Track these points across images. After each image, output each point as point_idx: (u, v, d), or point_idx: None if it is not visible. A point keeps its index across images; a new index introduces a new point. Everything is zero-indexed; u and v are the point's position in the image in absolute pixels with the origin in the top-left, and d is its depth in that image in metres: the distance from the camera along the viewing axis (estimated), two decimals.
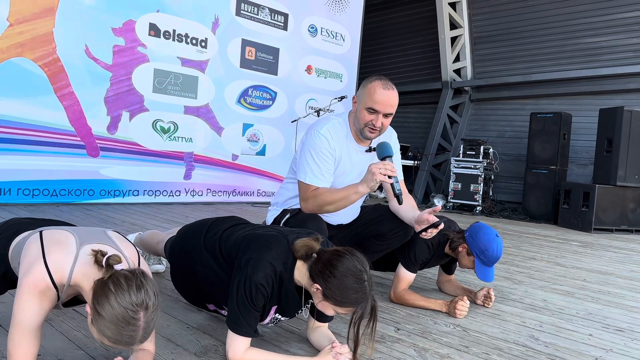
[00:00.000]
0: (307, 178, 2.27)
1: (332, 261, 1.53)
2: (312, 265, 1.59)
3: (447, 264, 2.77)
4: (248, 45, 6.70)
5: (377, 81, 2.26)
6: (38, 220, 1.70)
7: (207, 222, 1.99)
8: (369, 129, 2.29)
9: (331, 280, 1.51)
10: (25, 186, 4.98)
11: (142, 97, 5.75)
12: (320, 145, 2.28)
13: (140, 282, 1.28)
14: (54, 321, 1.90)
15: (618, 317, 2.59)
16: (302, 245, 1.60)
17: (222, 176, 6.60)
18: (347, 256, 1.54)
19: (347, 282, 1.50)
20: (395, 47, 11.00)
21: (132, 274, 1.29)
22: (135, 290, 1.26)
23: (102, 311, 1.24)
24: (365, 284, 1.52)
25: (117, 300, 1.24)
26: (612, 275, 3.71)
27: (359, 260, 1.55)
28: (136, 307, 1.25)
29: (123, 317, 1.24)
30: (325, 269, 1.53)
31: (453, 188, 8.22)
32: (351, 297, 1.52)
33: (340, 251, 1.57)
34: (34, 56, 4.95)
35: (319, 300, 1.58)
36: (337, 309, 1.56)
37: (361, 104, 2.28)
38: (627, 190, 6.54)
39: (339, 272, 1.51)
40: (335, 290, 1.51)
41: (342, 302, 1.53)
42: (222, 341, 1.83)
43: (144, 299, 1.26)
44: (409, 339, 2.05)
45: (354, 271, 1.51)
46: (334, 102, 6.92)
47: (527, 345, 2.07)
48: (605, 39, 8.12)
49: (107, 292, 1.25)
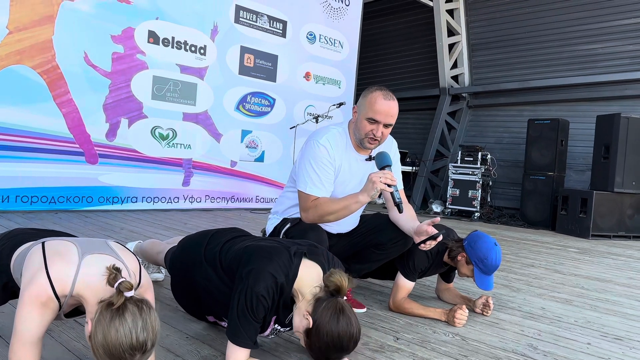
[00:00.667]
0: (308, 188, 2.28)
1: (339, 323, 1.54)
2: (324, 302, 1.59)
3: (446, 272, 2.77)
4: (247, 52, 6.72)
5: (377, 91, 2.27)
6: (41, 231, 1.71)
7: (208, 233, 1.99)
8: (369, 140, 2.30)
9: (322, 335, 1.55)
10: (24, 193, 4.98)
11: (141, 104, 5.76)
12: (320, 155, 2.29)
13: (145, 321, 1.26)
14: (53, 332, 1.90)
15: (616, 325, 2.60)
16: (338, 281, 1.60)
17: (221, 182, 6.60)
18: (351, 330, 1.56)
19: (330, 348, 1.56)
20: (393, 53, 11.04)
21: (139, 310, 1.27)
22: (139, 330, 1.24)
23: (101, 338, 1.24)
24: (343, 353, 1.58)
25: (118, 337, 1.23)
26: (610, 283, 3.72)
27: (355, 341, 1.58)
28: (134, 351, 1.24)
29: (118, 354, 1.23)
30: (329, 322, 1.55)
31: (451, 194, 8.24)
32: (320, 357, 1.60)
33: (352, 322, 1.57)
34: (33, 63, 4.96)
35: (300, 328, 1.62)
36: (304, 344, 1.64)
37: (361, 114, 2.29)
38: (624, 196, 6.56)
39: (331, 337, 1.55)
40: (316, 342, 1.58)
41: (312, 350, 1.61)
42: (222, 351, 1.83)
43: (144, 341, 1.25)
44: (408, 348, 2.05)
45: (342, 347, 1.56)
46: (332, 108, 6.94)
47: (525, 355, 2.07)
48: (602, 45, 8.16)
49: (111, 322, 1.24)
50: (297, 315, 1.64)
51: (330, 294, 1.61)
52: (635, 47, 7.82)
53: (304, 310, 1.61)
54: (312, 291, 1.63)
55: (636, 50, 7.82)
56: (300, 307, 1.64)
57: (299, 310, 1.64)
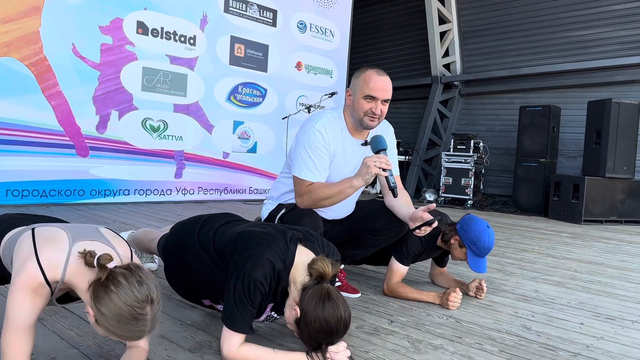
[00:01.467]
0: (302, 173, 2.27)
1: (325, 310, 1.53)
2: (310, 290, 1.58)
3: (439, 256, 2.78)
4: (237, 42, 6.67)
5: (369, 69, 2.29)
6: (30, 216, 1.69)
7: (201, 218, 1.98)
8: (369, 117, 2.29)
9: (310, 323, 1.54)
10: (15, 187, 4.94)
11: (131, 95, 5.71)
12: (315, 140, 2.28)
13: (140, 277, 1.28)
14: (46, 320, 1.89)
15: (608, 306, 2.62)
16: (321, 267, 1.60)
17: (214, 174, 6.58)
18: (338, 313, 1.54)
19: (320, 334, 1.55)
20: (385, 42, 11.01)
21: (128, 270, 1.29)
22: (137, 286, 1.26)
23: (107, 311, 1.24)
24: (332, 341, 1.56)
25: (122, 300, 1.24)
26: (602, 265, 3.75)
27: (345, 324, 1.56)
28: (142, 303, 1.25)
29: (131, 315, 1.24)
30: (315, 309, 1.53)
31: (444, 182, 8.26)
32: (312, 344, 1.58)
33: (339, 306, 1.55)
34: (20, 55, 4.90)
35: (290, 317, 1.61)
36: (296, 334, 1.62)
37: (358, 95, 2.28)
38: (616, 181, 6.61)
39: (319, 324, 1.53)
40: (306, 330, 1.55)
41: (303, 339, 1.60)
42: (216, 337, 1.83)
43: (147, 293, 1.27)
44: (403, 330, 2.06)
45: (332, 331, 1.54)
46: (324, 98, 6.91)
47: (519, 335, 2.08)
48: (593, 31, 8.18)
49: (109, 292, 1.24)
50: (287, 307, 1.64)
51: (315, 281, 1.60)
52: (627, 33, 7.84)
53: (292, 300, 1.61)
54: (302, 280, 1.63)
55: (627, 35, 7.85)
56: (289, 297, 1.64)
57: (289, 301, 1.64)
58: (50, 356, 1.60)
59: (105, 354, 1.65)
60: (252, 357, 1.60)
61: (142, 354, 1.51)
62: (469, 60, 9.84)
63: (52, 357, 1.59)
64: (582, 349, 1.97)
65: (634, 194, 6.70)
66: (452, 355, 1.83)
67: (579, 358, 1.87)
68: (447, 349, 1.88)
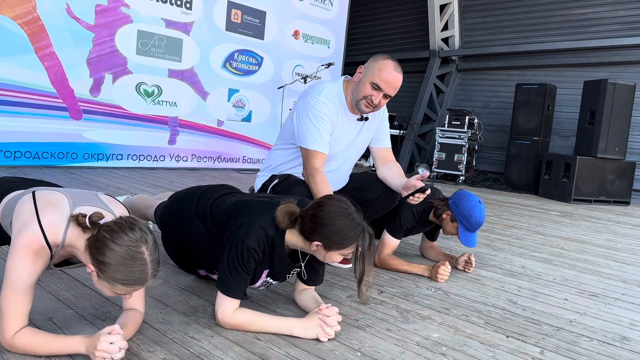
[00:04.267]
0: (309, 143, 2.28)
1: (318, 214, 1.59)
2: (301, 227, 1.63)
3: (430, 230, 2.82)
4: (234, 7, 6.56)
5: (389, 60, 2.27)
6: (28, 180, 1.70)
7: (199, 190, 2.00)
8: (366, 103, 2.30)
9: (325, 230, 1.57)
10: (7, 148, 4.90)
11: (125, 59, 5.63)
12: (321, 110, 2.29)
13: (130, 222, 1.32)
14: (42, 281, 1.92)
15: (593, 283, 2.69)
16: (283, 214, 1.62)
17: (207, 142, 6.56)
18: (328, 202, 1.61)
19: (340, 224, 1.58)
20: (384, 14, 10.86)
21: (119, 219, 1.33)
22: (129, 229, 1.30)
23: (106, 258, 1.27)
24: (355, 218, 1.60)
25: (117, 243, 1.27)
26: (589, 244, 3.82)
27: (339, 200, 1.62)
28: (137, 242, 1.29)
29: (128, 254, 1.27)
30: (315, 223, 1.59)
31: (437, 158, 8.29)
32: (350, 235, 1.59)
33: (319, 202, 1.64)
34: (12, 14, 4.80)
35: (323, 254, 1.64)
36: (343, 252, 1.63)
37: (367, 77, 2.28)
38: (607, 162, 6.67)
39: (328, 220, 1.57)
40: (334, 237, 1.58)
41: (344, 244, 1.60)
42: (211, 302, 1.87)
43: (140, 234, 1.30)
44: (392, 301, 2.11)
45: (341, 212, 1.59)
46: (321, 69, 6.85)
47: (505, 309, 2.14)
48: (592, 10, 8.12)
49: (104, 240, 1.28)
50: (317, 256, 1.66)
51: (297, 222, 1.63)
52: (625, 13, 7.80)
53: (310, 249, 1.64)
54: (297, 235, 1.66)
55: (626, 15, 7.80)
56: (310, 252, 1.67)
57: (312, 253, 1.66)
58: (47, 316, 1.63)
59: (101, 315, 1.68)
60: (246, 321, 1.65)
61: (138, 317, 1.54)
62: (467, 35, 9.75)
63: (48, 316, 1.62)
64: (565, 323, 2.03)
65: (624, 174, 6.78)
66: (439, 325, 1.88)
67: (562, 332, 1.93)
68: (434, 319, 1.94)
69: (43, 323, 1.57)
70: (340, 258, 1.67)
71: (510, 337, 1.84)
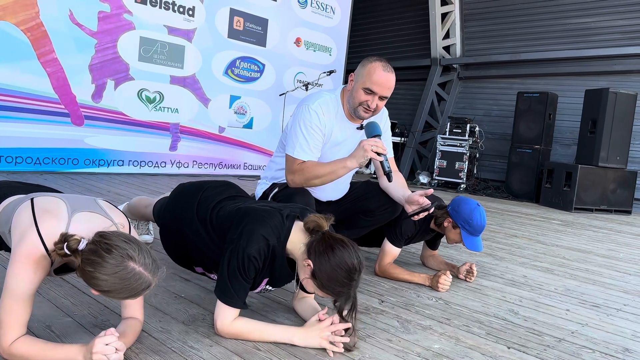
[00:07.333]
0: (295, 152, 2.28)
1: (334, 248, 1.55)
2: (314, 241, 1.60)
3: (431, 239, 2.81)
4: (236, 14, 6.59)
5: (377, 62, 2.24)
6: (27, 184, 1.69)
7: (202, 187, 1.97)
8: (364, 109, 2.29)
9: (325, 264, 1.54)
10: (8, 153, 4.91)
11: (127, 65, 5.65)
12: (311, 120, 2.28)
13: (106, 245, 1.28)
14: (41, 289, 1.91)
15: (595, 294, 2.68)
16: (314, 220, 1.62)
17: (209, 148, 6.56)
18: (349, 250, 1.56)
19: (338, 273, 1.53)
20: (386, 21, 10.89)
21: (94, 244, 1.30)
22: (106, 254, 1.27)
23: (103, 288, 1.28)
24: (353, 282, 1.55)
25: (104, 273, 1.26)
26: (590, 254, 3.81)
27: (358, 258, 1.56)
28: (121, 264, 1.27)
29: (120, 278, 1.27)
30: (325, 252, 1.55)
31: (438, 165, 8.28)
32: (335, 288, 1.56)
33: (346, 242, 1.58)
34: (16, 20, 4.82)
35: (305, 276, 1.61)
36: (318, 291, 1.60)
37: (358, 83, 2.27)
38: (608, 171, 6.66)
39: (335, 261, 1.53)
40: (325, 275, 1.54)
41: (325, 287, 1.57)
42: (210, 311, 1.86)
43: (119, 252, 1.28)
44: (393, 310, 2.09)
45: (349, 267, 1.53)
46: (322, 76, 6.86)
47: (506, 319, 2.13)
48: (594, 19, 8.13)
49: (91, 274, 1.28)
50: (300, 270, 1.64)
51: (317, 234, 1.61)
52: (626, 22, 7.81)
53: (301, 261, 1.62)
54: (303, 243, 1.64)
55: (627, 25, 7.81)
56: (298, 261, 1.65)
57: (299, 264, 1.64)
58: (45, 324, 1.62)
59: (99, 323, 1.67)
60: (245, 330, 1.63)
61: (137, 325, 1.53)
62: (469, 43, 9.77)
63: (47, 324, 1.61)
64: (567, 334, 2.02)
65: (626, 184, 6.76)
66: (440, 336, 1.87)
67: (564, 343, 1.91)
68: (435, 330, 1.92)
69: (41, 331, 1.56)
70: (312, 291, 1.64)
71: (511, 348, 1.82)
